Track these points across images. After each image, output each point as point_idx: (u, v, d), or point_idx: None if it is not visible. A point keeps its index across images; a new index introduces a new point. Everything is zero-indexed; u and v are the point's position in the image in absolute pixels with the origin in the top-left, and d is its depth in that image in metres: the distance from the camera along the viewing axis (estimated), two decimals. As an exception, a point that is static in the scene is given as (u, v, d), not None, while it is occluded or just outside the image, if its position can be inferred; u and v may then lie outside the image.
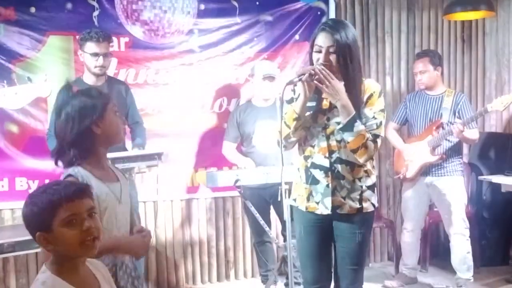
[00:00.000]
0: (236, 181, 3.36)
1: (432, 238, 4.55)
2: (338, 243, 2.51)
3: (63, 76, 3.71)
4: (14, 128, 3.76)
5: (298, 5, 4.35)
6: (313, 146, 2.45)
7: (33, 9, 3.75)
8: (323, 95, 2.40)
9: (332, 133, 2.40)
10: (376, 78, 4.66)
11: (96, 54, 3.35)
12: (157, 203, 4.11)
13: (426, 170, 3.87)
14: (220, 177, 3.41)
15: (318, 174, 2.43)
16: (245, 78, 4.22)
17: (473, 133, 3.78)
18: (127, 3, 3.97)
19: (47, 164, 3.53)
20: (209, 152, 4.18)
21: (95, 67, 3.37)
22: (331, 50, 2.33)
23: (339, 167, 2.41)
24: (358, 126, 2.32)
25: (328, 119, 2.41)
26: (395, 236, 4.37)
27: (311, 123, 2.42)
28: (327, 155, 2.41)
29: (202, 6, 4.15)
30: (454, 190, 3.83)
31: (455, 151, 3.88)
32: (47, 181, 3.66)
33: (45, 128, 3.65)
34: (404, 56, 4.73)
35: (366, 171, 2.46)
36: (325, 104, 2.42)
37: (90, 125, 1.94)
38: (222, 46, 4.21)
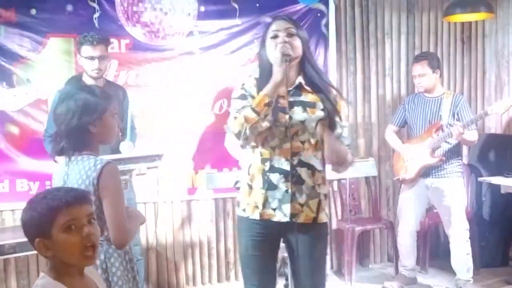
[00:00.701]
0: (236, 182, 3.36)
1: (431, 239, 4.56)
2: (294, 260, 2.33)
3: (63, 78, 3.73)
4: (14, 130, 3.77)
5: (298, 6, 4.37)
6: (273, 148, 2.24)
7: (33, 11, 3.76)
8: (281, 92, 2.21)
9: (296, 133, 2.23)
10: (376, 79, 4.67)
11: (91, 57, 3.35)
12: (158, 205, 4.11)
13: (426, 172, 3.88)
14: (219, 179, 3.42)
15: (277, 178, 2.23)
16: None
17: (472, 135, 3.79)
18: (128, 5, 3.98)
19: (47, 166, 3.53)
20: (209, 153, 4.19)
21: (92, 70, 3.38)
22: (291, 31, 2.22)
23: (301, 171, 2.24)
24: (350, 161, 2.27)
25: (291, 118, 2.22)
26: (394, 237, 4.38)
27: (273, 122, 2.21)
28: (289, 157, 2.23)
29: (203, 8, 4.16)
30: (453, 192, 3.84)
31: (454, 153, 3.89)
32: (48, 182, 3.68)
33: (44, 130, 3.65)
34: (404, 58, 4.74)
35: (323, 178, 2.31)
36: (283, 102, 2.22)
37: (88, 124, 2.00)
38: (223, 48, 4.22)
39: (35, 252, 1.54)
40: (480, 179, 4.30)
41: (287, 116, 2.21)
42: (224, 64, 4.23)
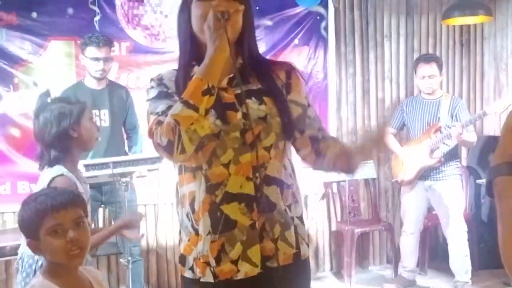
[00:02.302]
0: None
1: (431, 240, 4.58)
2: None
3: (64, 81, 3.76)
4: (16, 132, 3.80)
5: (297, 10, 4.39)
6: (226, 165, 1.49)
7: (34, 14, 3.79)
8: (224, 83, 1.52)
9: (258, 137, 1.51)
10: (375, 82, 4.70)
11: (96, 59, 3.39)
12: (158, 206, 4.13)
13: (424, 173, 3.90)
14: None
15: (235, 211, 1.50)
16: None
17: (471, 136, 3.81)
18: (128, 8, 4.01)
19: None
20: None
21: (96, 71, 3.42)
22: None
23: (268, 190, 1.52)
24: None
25: (246, 117, 1.49)
26: (393, 239, 4.40)
27: (221, 126, 1.49)
28: (250, 175, 1.50)
29: (203, 11, 4.18)
30: (452, 194, 3.86)
31: (452, 155, 3.91)
32: (48, 184, 3.71)
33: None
34: (403, 60, 4.77)
35: (293, 195, 1.61)
36: (228, 96, 1.53)
37: (67, 129, 2.09)
38: (222, 50, 4.23)
39: (37, 254, 1.59)
40: (478, 181, 4.32)
41: (239, 114, 1.51)
42: (224, 66, 4.24)
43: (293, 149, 1.67)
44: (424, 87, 3.94)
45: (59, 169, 2.06)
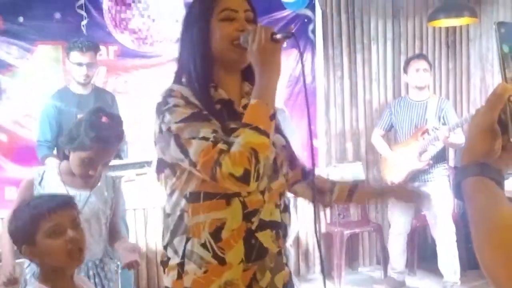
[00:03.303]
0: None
1: (419, 241, 4.61)
2: None
3: (52, 85, 3.74)
4: (3, 137, 3.77)
5: (285, 13, 4.41)
6: (262, 192, 1.44)
7: (21, 19, 3.77)
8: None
9: (281, 165, 1.50)
10: (362, 84, 4.72)
11: (80, 64, 3.37)
12: (147, 210, 4.12)
13: (413, 176, 3.93)
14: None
15: (268, 238, 1.46)
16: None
17: (458, 138, 3.84)
18: (116, 12, 4.00)
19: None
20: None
21: (79, 76, 3.40)
22: (251, 16, 1.45)
23: (285, 218, 1.53)
24: None
25: (274, 145, 1.46)
26: (383, 240, 4.42)
27: None
28: (278, 201, 1.49)
29: (190, 15, 4.18)
30: (440, 195, 3.88)
31: (440, 156, 3.94)
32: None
33: (34, 136, 3.66)
34: (390, 63, 4.80)
35: None
36: None
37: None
38: (210, 54, 4.24)
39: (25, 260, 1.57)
40: (466, 181, 4.35)
41: (270, 141, 1.39)
42: (212, 70, 4.24)
43: None
44: (418, 81, 3.94)
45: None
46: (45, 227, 1.46)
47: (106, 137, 2.11)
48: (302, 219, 4.46)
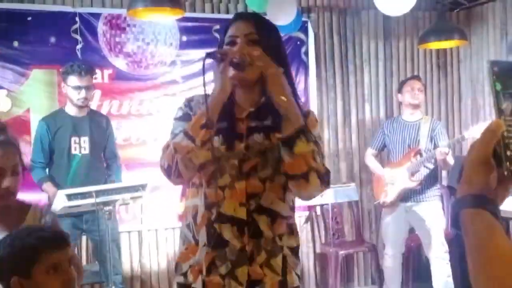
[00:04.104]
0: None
1: (414, 261, 4.61)
2: None
3: (47, 109, 3.76)
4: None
5: (278, 35, 4.45)
6: (222, 188, 1.63)
7: (16, 43, 3.80)
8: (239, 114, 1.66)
9: (254, 168, 1.63)
10: (355, 104, 4.77)
11: (78, 87, 3.40)
12: (142, 233, 4.12)
13: (405, 196, 3.95)
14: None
15: (228, 232, 1.62)
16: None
17: (450, 158, 3.89)
18: (110, 36, 4.04)
19: (32, 196, 3.53)
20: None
21: (78, 99, 3.42)
22: (251, 38, 1.63)
23: (259, 219, 1.63)
24: (304, 146, 1.56)
25: (248, 147, 1.64)
26: (378, 260, 4.43)
27: (223, 152, 1.63)
28: (244, 201, 1.62)
29: (184, 38, 4.23)
30: (432, 215, 3.91)
31: (432, 177, 3.97)
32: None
33: (28, 160, 3.66)
34: (382, 84, 4.86)
35: (290, 226, 1.72)
36: (241, 127, 1.66)
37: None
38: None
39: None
40: (459, 201, 4.37)
41: (242, 145, 1.63)
42: (206, 92, 4.28)
43: None
44: (412, 98, 3.98)
45: None
46: (46, 263, 1.42)
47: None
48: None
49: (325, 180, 1.62)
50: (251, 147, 1.64)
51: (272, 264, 1.65)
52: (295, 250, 1.73)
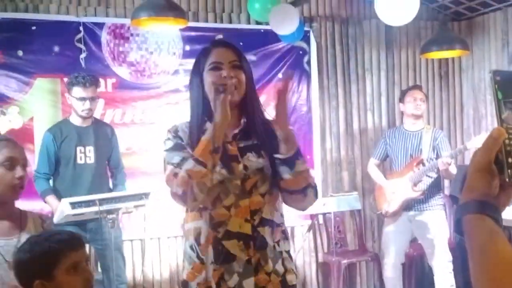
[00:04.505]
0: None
1: (416, 270, 4.60)
2: None
3: (50, 118, 3.78)
4: (1, 170, 3.78)
5: (280, 45, 4.48)
6: (228, 208, 1.77)
7: (20, 53, 3.82)
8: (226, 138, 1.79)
9: (255, 185, 1.79)
10: (357, 114, 4.79)
11: (83, 99, 3.41)
12: (145, 242, 4.12)
13: (408, 205, 3.95)
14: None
15: (235, 246, 1.77)
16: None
17: (453, 168, 3.89)
18: (114, 46, 4.06)
19: (35, 205, 3.54)
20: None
21: (82, 110, 3.44)
22: (236, 64, 1.80)
23: (263, 231, 1.79)
24: (301, 165, 1.75)
25: (246, 168, 1.79)
26: (380, 269, 4.42)
27: (226, 175, 1.77)
28: (248, 217, 1.78)
29: (187, 47, 4.26)
30: (435, 225, 3.91)
31: (435, 186, 3.98)
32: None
33: (32, 170, 3.67)
34: (384, 93, 4.87)
35: (283, 232, 1.89)
36: (233, 148, 1.81)
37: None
38: (207, 85, 4.30)
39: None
40: (462, 210, 4.36)
41: (240, 166, 1.79)
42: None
43: None
44: (414, 109, 3.99)
45: None
46: (66, 263, 1.49)
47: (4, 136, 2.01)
48: (299, 249, 4.47)
49: (317, 194, 1.85)
50: (249, 167, 1.79)
51: (277, 269, 1.82)
52: (289, 252, 1.90)
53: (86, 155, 3.49)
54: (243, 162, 1.79)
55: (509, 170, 0.84)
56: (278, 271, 1.82)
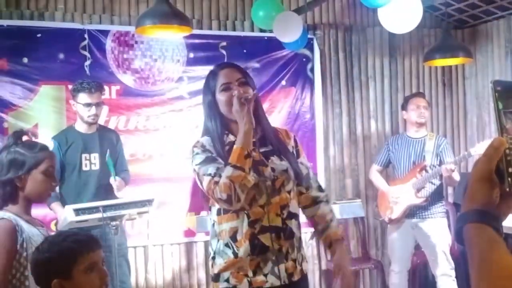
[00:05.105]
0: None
1: (420, 278, 4.59)
2: None
3: (55, 125, 3.80)
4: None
5: (284, 52, 4.50)
6: (262, 206, 2.04)
7: (25, 60, 3.84)
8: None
9: (282, 184, 2.08)
10: (361, 121, 4.80)
11: (89, 105, 3.43)
12: (148, 248, 4.12)
13: (411, 212, 3.95)
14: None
15: (268, 238, 2.04)
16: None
17: (456, 175, 3.89)
18: (118, 53, 4.08)
19: (38, 212, 3.54)
20: (200, 196, 4.22)
21: (88, 116, 3.45)
22: (243, 81, 2.07)
23: (290, 223, 2.09)
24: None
25: (274, 170, 2.07)
26: (384, 277, 4.41)
27: (257, 177, 2.02)
28: (279, 211, 2.06)
29: (191, 54, 4.28)
30: (438, 232, 3.90)
31: (438, 193, 3.97)
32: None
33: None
34: (387, 100, 4.88)
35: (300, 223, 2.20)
36: (256, 155, 2.06)
37: (13, 178, 1.99)
38: (211, 93, 4.31)
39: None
40: (465, 217, 4.36)
41: (269, 168, 2.07)
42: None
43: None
44: (417, 117, 4.00)
45: (1, 214, 1.97)
46: (84, 263, 1.54)
47: (42, 145, 2.11)
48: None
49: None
50: (276, 169, 2.07)
51: (298, 257, 2.11)
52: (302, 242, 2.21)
53: (91, 162, 3.50)
54: (270, 165, 2.06)
55: (509, 179, 0.85)
56: (299, 259, 2.10)
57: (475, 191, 0.87)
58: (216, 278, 2.10)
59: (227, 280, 2.07)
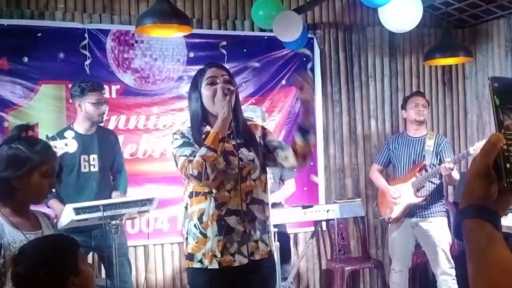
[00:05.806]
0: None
1: (420, 277, 4.59)
2: None
3: (55, 124, 3.80)
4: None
5: (284, 51, 4.50)
6: (229, 191, 2.27)
7: (25, 59, 3.84)
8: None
9: (249, 173, 2.31)
10: (361, 120, 4.80)
11: (99, 103, 3.44)
12: (148, 247, 4.13)
13: (411, 211, 3.95)
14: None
15: (234, 221, 2.26)
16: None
17: (456, 174, 3.89)
18: (118, 52, 4.08)
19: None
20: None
21: (99, 115, 3.45)
22: (227, 78, 2.33)
23: (253, 208, 2.31)
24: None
25: (241, 160, 2.29)
26: (384, 276, 4.41)
27: (226, 165, 2.24)
28: (244, 197, 2.28)
29: (192, 54, 4.28)
30: (438, 231, 3.90)
31: (438, 192, 3.97)
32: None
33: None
34: (387, 99, 4.88)
35: (269, 209, 2.43)
36: (229, 145, 2.29)
37: (10, 178, 1.84)
38: (211, 92, 4.32)
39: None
40: (465, 217, 4.36)
41: (236, 158, 2.28)
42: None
43: None
44: (417, 115, 4.00)
45: None
46: (82, 257, 1.61)
47: (45, 143, 1.99)
48: (302, 256, 4.46)
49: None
50: (243, 159, 2.31)
51: (264, 239, 2.34)
52: (270, 224, 2.42)
53: (90, 163, 3.49)
54: (238, 155, 2.28)
55: (507, 176, 0.85)
56: (265, 241, 2.33)
57: (473, 187, 0.87)
58: (191, 257, 2.31)
59: (200, 261, 2.28)
